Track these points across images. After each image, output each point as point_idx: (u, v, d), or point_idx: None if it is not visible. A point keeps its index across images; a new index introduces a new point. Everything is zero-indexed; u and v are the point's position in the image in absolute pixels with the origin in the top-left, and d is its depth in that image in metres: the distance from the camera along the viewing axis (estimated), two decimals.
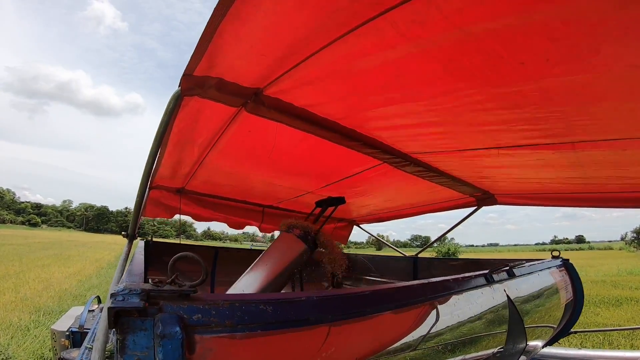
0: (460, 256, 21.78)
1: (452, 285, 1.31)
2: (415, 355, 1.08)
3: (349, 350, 0.89)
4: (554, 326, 2.25)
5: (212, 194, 3.53)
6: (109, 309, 0.57)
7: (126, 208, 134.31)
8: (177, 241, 4.63)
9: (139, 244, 2.48)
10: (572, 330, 2.43)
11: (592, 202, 2.62)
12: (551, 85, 1.11)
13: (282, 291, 2.77)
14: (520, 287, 1.69)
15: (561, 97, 1.18)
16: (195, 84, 1.36)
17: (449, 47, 0.99)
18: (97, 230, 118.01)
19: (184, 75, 1.31)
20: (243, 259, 4.04)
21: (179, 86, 1.37)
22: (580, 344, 5.21)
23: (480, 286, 1.42)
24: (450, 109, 1.37)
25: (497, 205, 3.16)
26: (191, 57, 1.20)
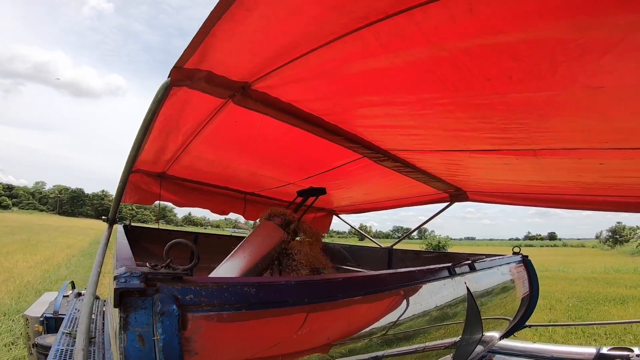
0: (449, 249, 22.40)
1: (418, 276, 1.43)
2: (383, 339, 1.19)
3: (321, 331, 0.99)
4: (510, 319, 2.44)
5: (194, 179, 3.55)
6: (115, 290, 0.64)
7: (103, 191, 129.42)
8: (152, 225, 4.60)
9: (118, 228, 2.49)
10: (527, 324, 2.63)
11: (554, 202, 2.82)
12: (515, 100, 1.23)
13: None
14: (480, 280, 1.84)
15: (523, 111, 1.30)
16: (184, 76, 1.40)
17: (425, 60, 1.08)
18: (71, 213, 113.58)
19: (174, 67, 1.34)
20: (223, 244, 4.09)
21: (168, 77, 1.41)
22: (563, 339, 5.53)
23: (443, 278, 1.55)
24: (426, 114, 1.48)
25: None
26: (184, 51, 1.24)
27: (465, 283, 1.69)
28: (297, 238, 2.74)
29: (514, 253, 2.67)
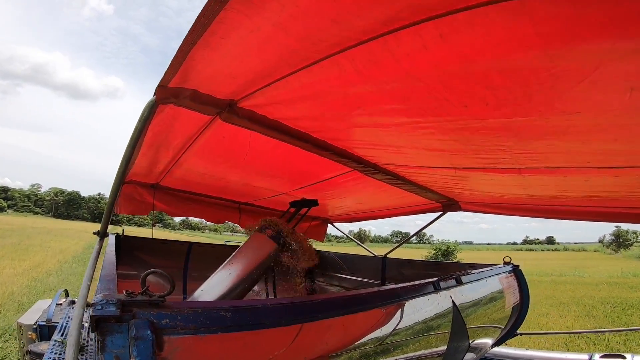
0: (458, 254, 22.06)
1: (402, 293, 1.45)
2: (364, 357, 1.21)
3: (299, 352, 1.00)
4: (501, 327, 2.46)
5: (187, 190, 3.56)
6: (91, 317, 0.68)
7: (99, 194, 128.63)
8: (150, 229, 4.57)
9: (110, 240, 2.50)
10: (518, 332, 2.64)
11: (544, 213, 2.84)
12: (494, 124, 1.25)
13: (255, 287, 2.86)
14: (467, 293, 1.86)
15: (503, 135, 1.33)
16: (170, 94, 1.42)
17: (402, 87, 1.10)
18: (66, 216, 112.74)
19: (159, 86, 1.37)
20: (216, 254, 4.09)
21: (154, 95, 1.43)
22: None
23: (428, 293, 1.56)
24: (410, 136, 1.50)
25: None
26: (166, 72, 1.26)
27: (450, 297, 1.71)
28: (290, 249, 2.74)
29: (505, 263, 2.68)
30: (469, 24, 0.83)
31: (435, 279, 1.63)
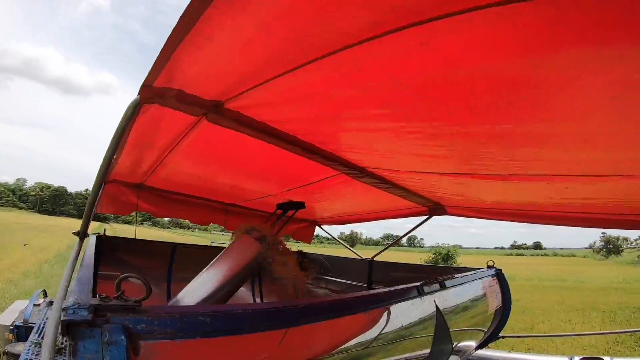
0: (458, 258, 22.15)
1: (387, 298, 1.46)
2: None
3: (281, 357, 1.00)
4: (485, 330, 2.49)
5: (172, 190, 3.51)
6: (62, 321, 0.67)
7: (86, 190, 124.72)
8: (138, 226, 4.48)
9: (90, 240, 2.44)
10: (500, 335, 2.68)
11: (528, 218, 2.89)
12: (478, 131, 1.27)
13: (240, 289, 2.83)
14: (450, 297, 1.88)
15: (488, 141, 1.35)
16: (154, 94, 1.39)
17: (387, 92, 1.10)
18: (52, 212, 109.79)
19: (143, 85, 1.34)
20: (202, 255, 4.02)
21: (138, 94, 1.40)
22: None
23: (412, 297, 1.57)
24: (396, 141, 1.51)
25: None
26: (150, 71, 1.24)
27: (434, 301, 1.72)
28: (275, 254, 2.73)
29: (488, 267, 2.72)
30: (453, 30, 0.84)
31: (419, 284, 1.64)
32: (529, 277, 19.70)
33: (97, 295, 0.78)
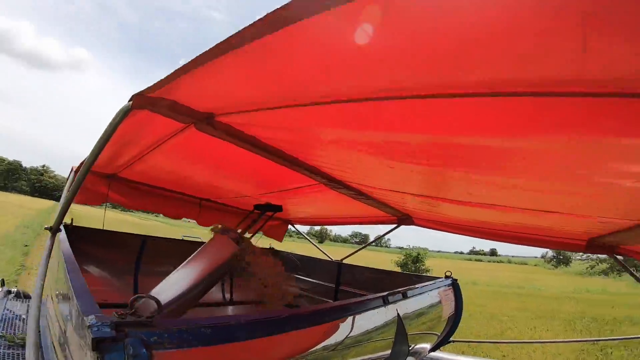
0: (426, 261, 22.77)
1: (357, 307, 1.62)
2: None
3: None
4: (438, 334, 2.72)
5: (146, 182, 3.46)
6: (93, 339, 0.75)
7: (43, 166, 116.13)
8: (101, 208, 4.21)
9: (61, 234, 2.37)
10: (451, 339, 2.93)
11: (484, 235, 3.16)
12: (449, 175, 1.44)
13: (212, 288, 2.88)
14: (410, 305, 2.07)
15: (456, 180, 1.53)
16: (147, 102, 1.43)
17: (378, 140, 1.24)
18: (4, 188, 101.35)
19: (137, 94, 1.37)
20: (172, 249, 4.00)
21: (129, 101, 1.43)
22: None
23: (377, 307, 1.73)
24: (377, 169, 1.69)
25: None
26: (150, 87, 1.29)
27: (396, 309, 1.89)
28: (249, 256, 2.80)
29: (446, 277, 2.95)
30: (446, 107, 0.97)
31: (384, 294, 1.80)
32: (489, 283, 20.44)
33: (113, 313, 0.86)
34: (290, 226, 5.06)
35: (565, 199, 1.56)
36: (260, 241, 3.47)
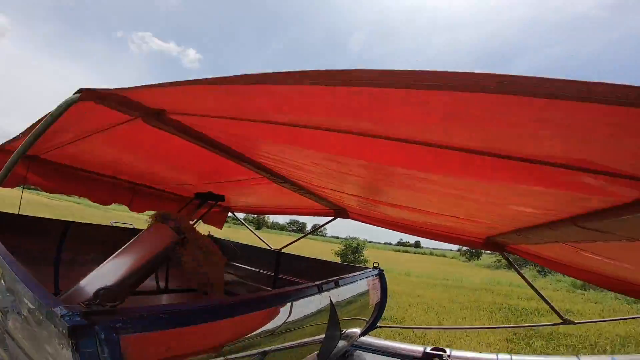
0: (365, 251, 23.53)
1: (294, 294, 1.79)
2: (263, 342, 1.51)
3: (214, 340, 1.26)
4: (367, 320, 3.02)
5: (74, 165, 3.20)
6: (68, 328, 0.83)
7: None
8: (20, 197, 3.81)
9: None
10: (378, 325, 3.27)
11: (408, 230, 3.58)
12: (376, 184, 1.70)
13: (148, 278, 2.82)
14: (342, 293, 2.32)
15: (389, 188, 1.80)
16: (96, 97, 1.41)
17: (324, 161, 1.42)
18: None
19: (86, 89, 1.35)
20: (100, 237, 3.76)
21: (76, 93, 1.39)
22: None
23: (312, 294, 1.93)
24: (318, 169, 1.86)
25: None
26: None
27: (329, 297, 2.12)
28: (189, 244, 2.81)
29: (374, 267, 3.29)
30: (376, 144, 1.17)
31: (319, 283, 2.01)
32: (419, 274, 21.85)
33: (80, 303, 0.92)
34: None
35: (464, 208, 1.93)
36: (199, 228, 3.46)
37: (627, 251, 1.53)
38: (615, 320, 5.16)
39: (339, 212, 3.89)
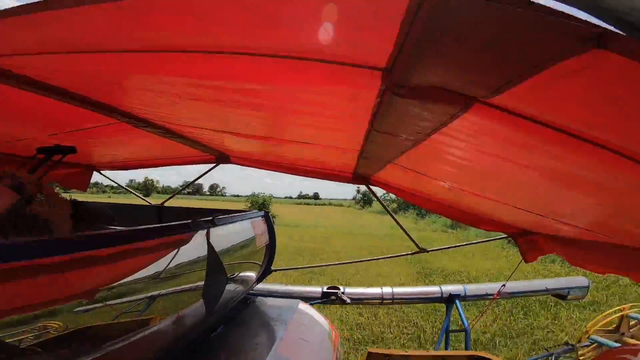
0: (271, 207, 22.61)
1: (160, 232, 1.62)
2: (122, 291, 1.35)
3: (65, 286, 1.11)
4: (260, 263, 2.92)
5: None
6: None
7: None
8: None
9: None
10: (272, 268, 3.21)
11: (287, 169, 3.74)
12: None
13: None
14: (223, 234, 2.20)
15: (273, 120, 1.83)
16: None
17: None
18: None
19: None
20: None
21: None
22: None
23: (184, 232, 1.77)
24: (181, 109, 1.76)
25: None
26: None
27: (207, 237, 1.93)
28: (37, 202, 2.41)
29: (258, 209, 3.32)
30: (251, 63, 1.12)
31: (189, 221, 1.80)
32: (327, 225, 23.09)
33: None
34: (103, 180, 4.44)
35: (328, 134, 2.07)
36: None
37: (461, 174, 1.87)
38: (459, 246, 6.85)
39: (220, 157, 3.80)
